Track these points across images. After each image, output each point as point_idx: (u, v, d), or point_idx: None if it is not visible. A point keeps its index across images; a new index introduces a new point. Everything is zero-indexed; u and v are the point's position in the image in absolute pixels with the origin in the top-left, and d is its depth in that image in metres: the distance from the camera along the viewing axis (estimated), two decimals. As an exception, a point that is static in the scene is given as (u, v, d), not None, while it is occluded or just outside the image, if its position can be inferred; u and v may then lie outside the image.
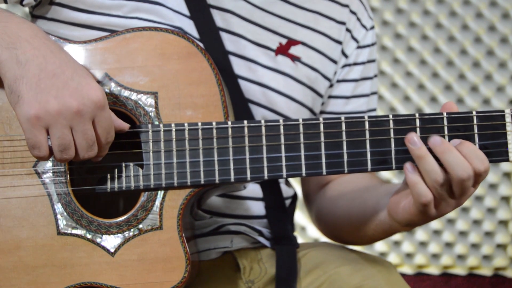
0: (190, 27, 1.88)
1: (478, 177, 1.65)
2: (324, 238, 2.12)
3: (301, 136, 1.71)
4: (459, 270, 3.57)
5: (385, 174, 3.49)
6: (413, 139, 1.66)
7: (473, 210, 3.56)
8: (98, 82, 1.73)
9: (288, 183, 2.11)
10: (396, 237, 3.55)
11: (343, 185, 2.02)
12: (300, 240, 2.09)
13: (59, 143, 1.62)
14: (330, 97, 2.05)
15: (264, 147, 1.71)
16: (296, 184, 2.25)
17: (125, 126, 1.70)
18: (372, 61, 2.09)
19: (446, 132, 1.69)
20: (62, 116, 1.60)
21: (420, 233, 3.56)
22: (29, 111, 1.60)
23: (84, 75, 1.64)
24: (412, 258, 3.57)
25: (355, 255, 1.93)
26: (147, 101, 1.73)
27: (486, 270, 3.57)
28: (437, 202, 1.67)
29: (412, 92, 3.53)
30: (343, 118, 1.71)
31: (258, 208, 2.01)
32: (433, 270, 3.57)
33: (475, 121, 1.69)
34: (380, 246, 3.56)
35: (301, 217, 3.47)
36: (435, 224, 3.55)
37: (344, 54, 2.03)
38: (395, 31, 3.52)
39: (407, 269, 3.56)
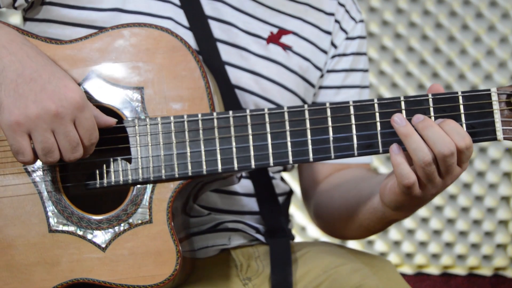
0: (180, 16, 1.90)
1: (460, 154, 1.64)
2: (324, 238, 2.12)
3: (287, 123, 1.71)
4: (459, 270, 3.55)
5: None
6: (399, 118, 1.66)
7: (473, 210, 3.53)
8: (82, 81, 1.73)
9: (283, 180, 2.11)
10: (396, 237, 3.53)
11: (339, 178, 2.02)
12: (300, 240, 2.08)
13: (42, 146, 1.64)
14: (320, 87, 2.06)
15: (250, 136, 1.71)
16: (293, 182, 2.25)
17: (112, 121, 1.71)
18: (363, 54, 2.10)
19: (432, 113, 1.67)
20: (42, 120, 1.62)
21: (420, 233, 3.54)
22: (9, 118, 1.62)
23: (61, 77, 1.65)
24: (412, 258, 3.55)
25: (355, 254, 1.93)
26: (133, 96, 1.74)
27: (486, 270, 3.54)
28: (422, 183, 1.66)
29: (412, 92, 3.51)
30: (327, 104, 1.70)
31: (252, 204, 2.01)
32: (433, 270, 3.55)
33: (461, 101, 1.68)
34: (380, 246, 3.54)
35: (301, 217, 3.44)
36: (435, 224, 3.53)
37: (333, 44, 2.05)
38: (395, 31, 3.51)
39: (407, 269, 3.53)
